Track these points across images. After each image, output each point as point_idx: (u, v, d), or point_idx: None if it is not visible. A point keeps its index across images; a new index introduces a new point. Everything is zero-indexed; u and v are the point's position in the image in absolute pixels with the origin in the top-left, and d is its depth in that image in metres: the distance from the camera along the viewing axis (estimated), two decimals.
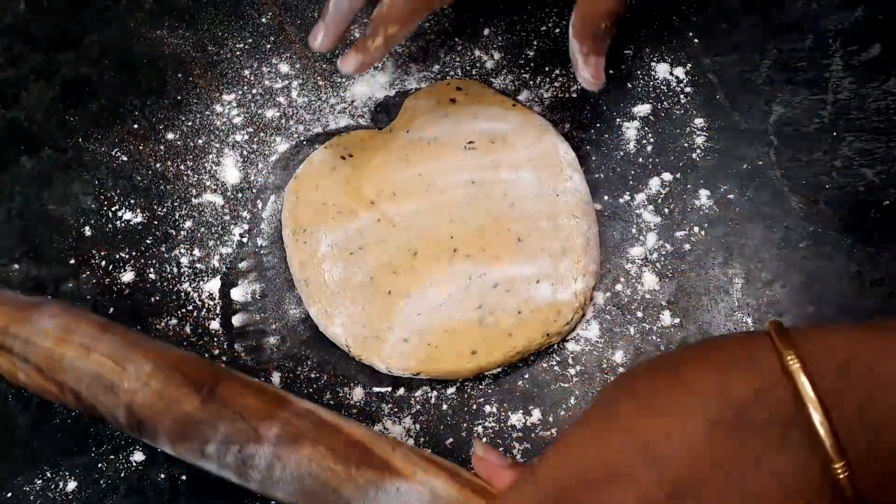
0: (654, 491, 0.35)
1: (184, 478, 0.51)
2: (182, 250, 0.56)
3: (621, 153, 0.56)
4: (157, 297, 0.55)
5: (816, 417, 0.34)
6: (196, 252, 0.56)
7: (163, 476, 0.51)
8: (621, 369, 0.51)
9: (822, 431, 0.33)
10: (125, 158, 0.59)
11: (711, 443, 0.35)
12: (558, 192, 0.53)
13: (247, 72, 0.60)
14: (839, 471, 0.34)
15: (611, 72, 0.58)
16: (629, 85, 0.58)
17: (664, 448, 0.35)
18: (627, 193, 0.55)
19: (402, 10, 0.51)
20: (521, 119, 0.56)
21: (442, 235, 0.53)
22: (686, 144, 0.56)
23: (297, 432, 0.44)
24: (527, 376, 0.51)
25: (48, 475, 0.52)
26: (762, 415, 0.35)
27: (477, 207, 0.54)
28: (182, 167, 0.58)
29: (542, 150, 0.55)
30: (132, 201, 0.58)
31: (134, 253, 0.56)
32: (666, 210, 0.55)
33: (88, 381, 0.47)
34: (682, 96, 0.57)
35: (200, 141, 0.59)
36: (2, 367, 0.50)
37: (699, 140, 0.56)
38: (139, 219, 0.57)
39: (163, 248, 0.56)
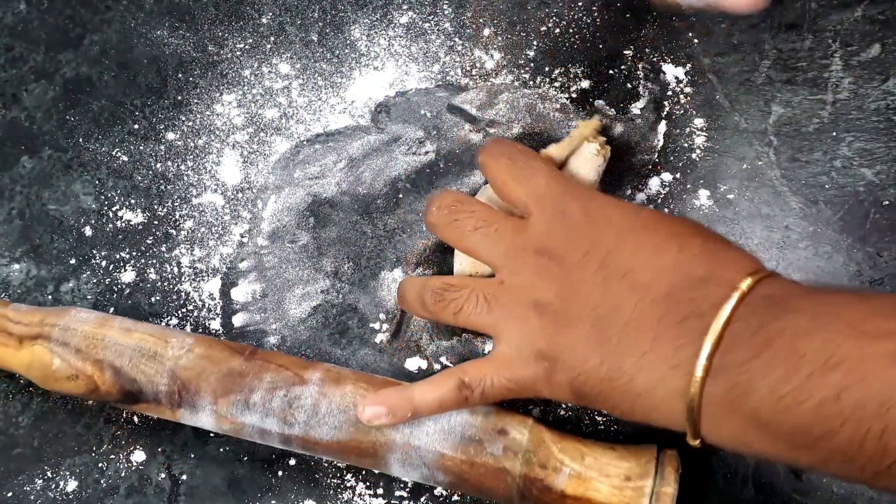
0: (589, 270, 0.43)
1: (184, 478, 0.51)
2: (182, 250, 0.56)
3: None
4: (158, 297, 0.55)
5: (714, 327, 0.38)
6: (196, 252, 0.56)
7: (163, 476, 0.51)
8: None
9: (709, 338, 0.38)
10: (126, 158, 0.59)
11: (649, 282, 0.41)
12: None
13: (247, 72, 0.60)
14: (696, 380, 0.38)
15: (611, 72, 0.58)
16: (629, 85, 0.58)
17: (626, 258, 0.42)
18: (627, 193, 0.55)
19: None
20: None
21: None
22: (686, 144, 0.56)
23: (339, 375, 0.49)
24: None
25: (49, 475, 0.52)
26: (690, 294, 0.40)
27: None
28: (182, 167, 0.58)
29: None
30: (133, 201, 0.58)
31: (134, 253, 0.56)
32: (666, 210, 0.55)
33: (131, 354, 0.50)
34: (681, 96, 0.57)
35: (201, 141, 0.59)
36: (33, 360, 0.50)
37: (699, 140, 0.56)
38: (140, 219, 0.57)
39: (163, 248, 0.56)
